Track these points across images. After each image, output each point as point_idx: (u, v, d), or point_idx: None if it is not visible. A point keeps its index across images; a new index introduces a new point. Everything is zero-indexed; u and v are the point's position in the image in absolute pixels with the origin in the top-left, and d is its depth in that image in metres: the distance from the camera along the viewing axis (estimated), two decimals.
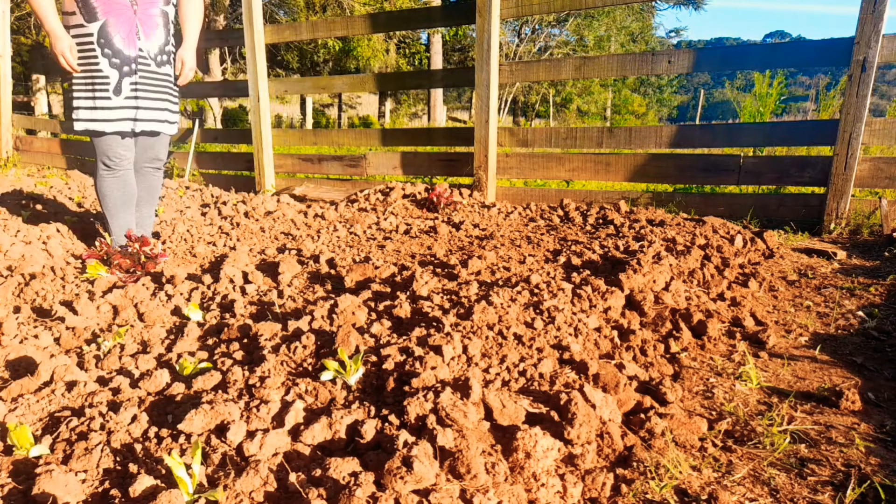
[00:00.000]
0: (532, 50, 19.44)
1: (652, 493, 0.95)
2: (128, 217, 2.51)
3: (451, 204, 3.37)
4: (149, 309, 1.67)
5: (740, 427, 1.15)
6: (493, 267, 2.01)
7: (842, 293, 1.96)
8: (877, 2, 2.61)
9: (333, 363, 1.18)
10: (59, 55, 2.26)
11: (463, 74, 3.91)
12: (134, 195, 2.51)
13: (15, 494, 0.90)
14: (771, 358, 1.48)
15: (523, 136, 3.65)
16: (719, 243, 2.33)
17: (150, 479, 0.88)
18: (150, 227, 2.66)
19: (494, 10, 3.43)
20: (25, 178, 5.17)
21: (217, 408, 1.04)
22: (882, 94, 17.58)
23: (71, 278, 1.99)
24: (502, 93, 18.13)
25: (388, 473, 0.83)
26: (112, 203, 2.44)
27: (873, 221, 2.82)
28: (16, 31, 10.38)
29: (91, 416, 1.09)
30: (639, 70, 3.27)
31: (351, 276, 1.92)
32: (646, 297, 1.69)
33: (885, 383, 1.34)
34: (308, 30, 4.35)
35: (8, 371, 1.35)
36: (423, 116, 22.37)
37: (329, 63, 16.19)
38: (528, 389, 1.17)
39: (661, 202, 3.35)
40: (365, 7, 12.43)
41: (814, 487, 0.97)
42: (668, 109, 27.86)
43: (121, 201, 2.46)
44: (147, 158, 2.54)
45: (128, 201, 2.49)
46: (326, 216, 3.21)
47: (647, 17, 21.96)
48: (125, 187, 2.45)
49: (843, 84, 3.14)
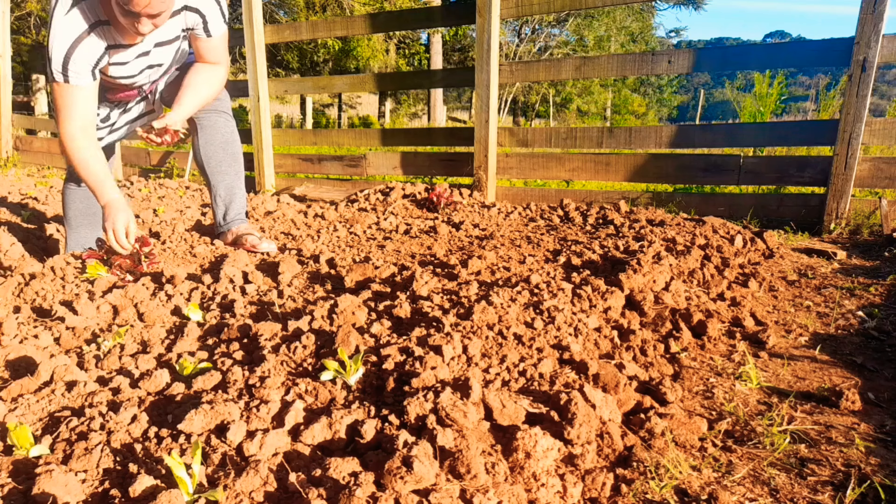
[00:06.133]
0: (532, 50, 19.44)
1: (652, 493, 0.95)
2: (88, 234, 2.34)
3: (451, 204, 3.37)
4: (149, 309, 1.67)
5: (740, 427, 1.15)
6: (493, 267, 2.01)
7: (842, 293, 1.96)
8: (877, 2, 2.61)
9: (333, 363, 1.18)
10: (109, 230, 1.89)
11: (463, 74, 3.91)
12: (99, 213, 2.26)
13: (15, 494, 0.90)
14: (771, 358, 1.48)
15: (523, 136, 3.65)
16: (719, 243, 2.33)
17: (150, 479, 0.88)
18: (241, 199, 2.35)
19: (494, 10, 3.43)
20: (25, 178, 5.17)
21: (217, 408, 1.04)
22: (882, 94, 17.57)
23: (71, 278, 1.98)
24: (502, 93, 18.13)
25: (388, 473, 0.83)
26: (72, 214, 2.29)
27: (873, 221, 2.82)
28: (16, 31, 10.38)
29: (91, 416, 1.09)
30: (639, 70, 3.27)
31: (351, 276, 1.92)
32: (646, 297, 1.69)
33: (885, 383, 1.34)
34: (308, 30, 4.35)
35: (8, 371, 1.35)
36: (423, 116, 22.37)
37: (329, 63, 16.18)
38: (528, 389, 1.17)
39: (661, 202, 3.35)
40: (365, 7, 12.43)
41: (814, 487, 0.97)
42: (668, 109, 27.88)
43: (81, 214, 2.30)
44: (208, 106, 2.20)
45: (92, 217, 2.31)
46: (326, 216, 3.21)
47: (647, 17, 21.96)
48: (90, 200, 2.26)
49: (843, 84, 3.14)
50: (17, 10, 9.79)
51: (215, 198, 2.41)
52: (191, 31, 2.07)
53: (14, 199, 3.70)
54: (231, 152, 2.35)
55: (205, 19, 2.04)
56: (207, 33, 2.08)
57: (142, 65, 2.06)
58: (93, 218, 2.33)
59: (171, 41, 2.06)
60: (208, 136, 2.29)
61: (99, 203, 1.98)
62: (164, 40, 2.04)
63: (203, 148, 2.32)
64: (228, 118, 2.34)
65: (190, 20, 2.02)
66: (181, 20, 2.01)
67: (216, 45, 2.13)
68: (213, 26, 2.07)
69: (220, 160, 2.33)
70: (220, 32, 2.11)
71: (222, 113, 2.32)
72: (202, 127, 2.28)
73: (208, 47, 2.12)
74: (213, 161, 2.33)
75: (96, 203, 2.26)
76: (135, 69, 2.06)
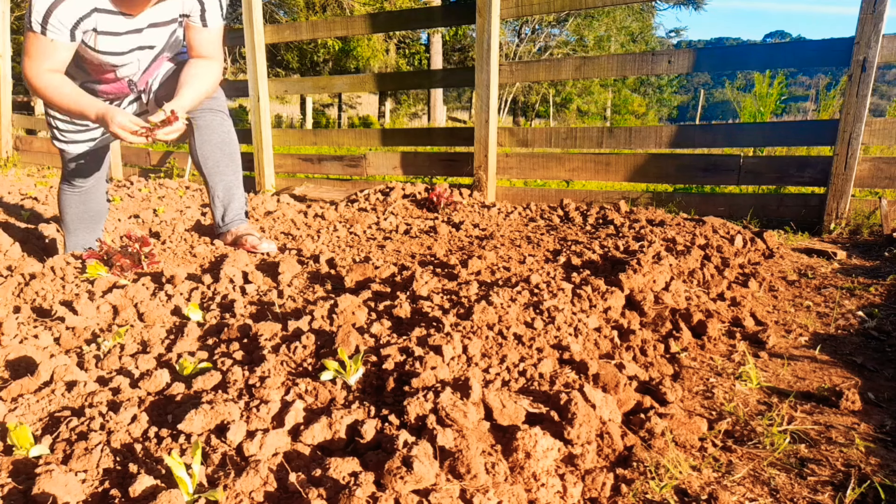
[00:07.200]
0: (532, 50, 19.45)
1: (652, 493, 0.95)
2: (88, 237, 2.30)
3: (451, 204, 3.37)
4: (149, 309, 1.67)
5: (740, 427, 1.15)
6: (493, 267, 2.01)
7: (842, 293, 1.96)
8: (877, 2, 2.61)
9: (333, 363, 1.18)
10: (118, 131, 1.82)
11: (463, 74, 3.91)
12: (99, 214, 2.28)
13: (15, 494, 0.90)
14: (771, 358, 1.48)
15: (523, 136, 3.65)
16: (719, 243, 2.33)
17: (150, 479, 0.88)
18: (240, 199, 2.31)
19: (494, 10, 3.43)
20: (25, 177, 5.17)
21: (217, 408, 1.04)
22: (882, 94, 17.58)
23: (71, 278, 1.98)
24: (502, 93, 18.13)
25: (388, 473, 0.83)
26: (69, 219, 2.25)
27: (873, 221, 2.82)
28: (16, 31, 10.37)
29: (91, 416, 1.09)
30: (639, 70, 3.27)
31: (351, 276, 1.92)
32: (646, 297, 1.69)
33: (885, 383, 1.34)
34: (308, 30, 4.35)
35: (8, 371, 1.35)
36: (423, 116, 22.38)
37: (329, 63, 16.19)
38: (528, 389, 1.17)
39: (661, 202, 3.35)
40: (365, 7, 12.43)
41: (814, 487, 0.97)
42: (668, 109, 27.88)
43: (78, 219, 2.26)
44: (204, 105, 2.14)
45: (89, 220, 2.28)
46: (326, 216, 3.21)
47: (647, 17, 21.98)
48: (87, 204, 2.23)
49: (843, 84, 3.15)
50: (17, 10, 9.80)
51: (214, 198, 2.39)
52: (187, 17, 2.03)
53: (14, 199, 3.70)
54: (228, 152, 2.31)
55: (203, 7, 2.01)
56: (203, 22, 2.04)
57: (132, 43, 2.00)
58: (90, 222, 2.29)
59: (166, 23, 2.02)
60: (205, 136, 2.25)
61: (91, 119, 1.87)
62: (159, 21, 1.99)
63: (200, 148, 2.27)
64: (225, 117, 2.30)
65: (187, 6, 2.00)
66: (179, 4, 1.98)
67: (211, 38, 2.09)
68: (210, 16, 2.04)
69: (217, 160, 2.29)
70: (216, 25, 2.07)
71: (218, 112, 2.27)
72: (198, 127, 2.23)
73: (203, 40, 2.08)
74: (209, 161, 2.29)
75: (93, 207, 2.26)
76: (125, 46, 1.99)
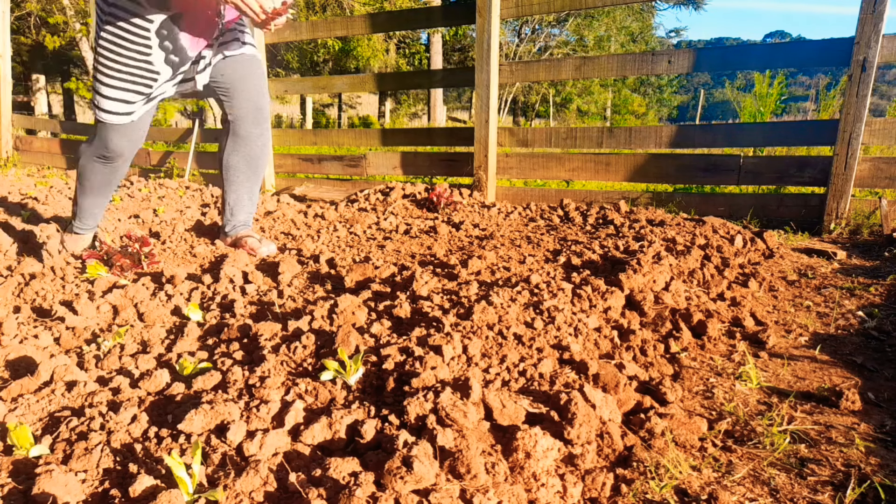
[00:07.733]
0: (532, 50, 19.45)
1: (652, 493, 0.95)
2: (102, 200, 2.21)
3: (451, 204, 3.37)
4: (149, 309, 1.67)
5: (740, 427, 1.15)
6: (493, 267, 2.01)
7: (842, 293, 1.96)
8: (877, 2, 2.61)
9: (333, 363, 1.18)
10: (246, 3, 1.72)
11: (463, 74, 3.91)
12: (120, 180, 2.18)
13: (15, 494, 0.90)
14: (771, 358, 1.48)
15: (523, 136, 3.65)
16: (719, 243, 2.33)
17: (150, 479, 0.88)
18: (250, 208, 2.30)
19: (494, 10, 3.43)
20: (25, 177, 5.17)
21: (217, 408, 1.04)
22: (882, 94, 17.59)
23: (71, 278, 1.98)
24: (502, 93, 18.13)
25: (388, 473, 0.83)
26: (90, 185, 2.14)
27: (873, 221, 2.82)
28: (16, 31, 10.38)
29: (91, 416, 1.09)
30: (639, 70, 3.27)
31: (351, 276, 1.92)
32: (646, 297, 1.69)
33: (885, 383, 1.34)
34: (308, 30, 4.35)
35: (8, 371, 1.35)
36: (423, 116, 22.38)
37: (329, 63, 16.19)
38: (528, 389, 1.17)
39: (661, 202, 3.35)
40: (365, 7, 12.43)
41: (814, 487, 0.97)
42: (668, 109, 27.88)
43: (100, 185, 2.16)
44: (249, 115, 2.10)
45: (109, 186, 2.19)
46: (326, 216, 3.21)
47: (647, 17, 21.97)
48: (115, 173, 2.15)
49: (843, 84, 3.15)
50: (17, 10, 9.79)
51: (225, 203, 2.41)
52: None
53: (14, 199, 3.70)
54: (255, 166, 2.29)
55: None
56: None
57: None
58: (108, 187, 2.19)
59: None
60: (239, 147, 2.23)
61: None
62: None
63: (229, 156, 2.26)
64: (265, 130, 2.26)
65: None
66: None
67: None
68: None
69: (240, 171, 2.28)
70: None
71: (261, 124, 2.23)
72: (236, 135, 2.21)
73: None
74: (232, 171, 2.28)
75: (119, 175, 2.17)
76: None
